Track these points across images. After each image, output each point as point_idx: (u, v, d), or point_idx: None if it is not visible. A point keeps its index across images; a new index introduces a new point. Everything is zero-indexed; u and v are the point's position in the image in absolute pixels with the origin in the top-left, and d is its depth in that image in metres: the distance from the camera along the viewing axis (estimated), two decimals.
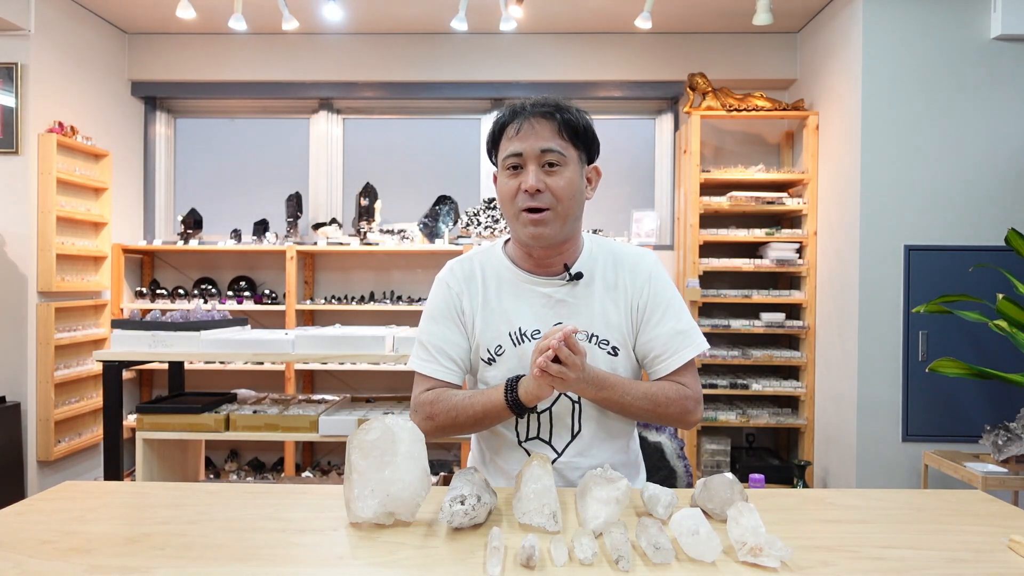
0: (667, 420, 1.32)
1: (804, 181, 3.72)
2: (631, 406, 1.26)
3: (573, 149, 1.28)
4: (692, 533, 0.92)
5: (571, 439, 1.33)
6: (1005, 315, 2.67)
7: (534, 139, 1.25)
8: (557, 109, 1.27)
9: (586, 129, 1.30)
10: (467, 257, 1.41)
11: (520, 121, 1.26)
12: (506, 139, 1.28)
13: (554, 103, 1.28)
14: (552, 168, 1.26)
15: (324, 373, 4.17)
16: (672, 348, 1.32)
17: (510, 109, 1.29)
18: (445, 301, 1.36)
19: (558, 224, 1.27)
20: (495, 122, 1.31)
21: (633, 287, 1.34)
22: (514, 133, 1.27)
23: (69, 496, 1.18)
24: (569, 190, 1.27)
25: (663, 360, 1.32)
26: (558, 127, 1.26)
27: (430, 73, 4.11)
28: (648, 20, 3.30)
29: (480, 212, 4.00)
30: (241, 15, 3.33)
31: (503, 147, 1.29)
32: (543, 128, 1.26)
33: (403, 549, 0.95)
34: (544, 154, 1.25)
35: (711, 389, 3.70)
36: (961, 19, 3.17)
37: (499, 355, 1.32)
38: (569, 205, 1.27)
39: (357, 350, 2.39)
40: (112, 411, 2.40)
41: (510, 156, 1.27)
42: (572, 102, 1.32)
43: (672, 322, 1.33)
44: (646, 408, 1.27)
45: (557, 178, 1.26)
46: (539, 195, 1.25)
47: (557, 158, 1.26)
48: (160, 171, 4.33)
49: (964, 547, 0.98)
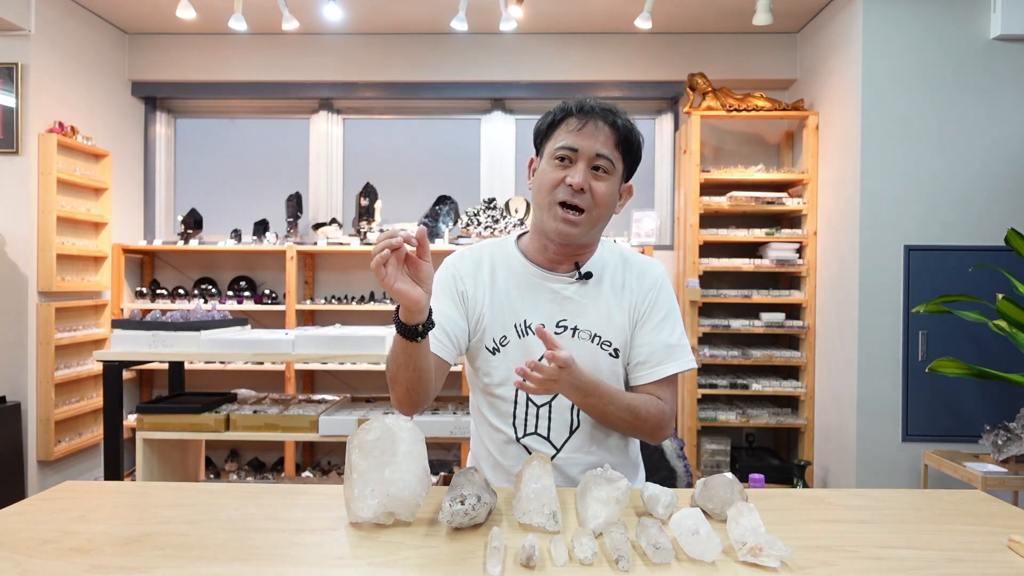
0: (640, 434, 1.33)
1: (804, 181, 3.72)
2: (612, 416, 1.26)
3: (621, 162, 1.30)
4: (692, 533, 0.92)
5: (569, 435, 1.33)
6: (1005, 315, 2.67)
7: (593, 140, 1.26)
8: (623, 121, 1.29)
9: (639, 148, 1.32)
10: (477, 247, 1.42)
11: (585, 119, 1.27)
12: (564, 130, 1.28)
13: (619, 112, 1.30)
14: (599, 173, 1.27)
15: (324, 373, 4.17)
16: (656, 359, 1.32)
17: (577, 104, 1.29)
18: (445, 280, 1.37)
19: (587, 227, 1.28)
20: (557, 109, 1.31)
21: (638, 291, 1.35)
22: (576, 127, 1.27)
23: (69, 496, 1.18)
24: (608, 198, 1.29)
25: (645, 369, 1.33)
26: (618, 137, 1.28)
27: (430, 73, 4.11)
28: (648, 20, 3.30)
29: (480, 212, 4.00)
30: (241, 15, 3.33)
31: (558, 137, 1.29)
32: (604, 133, 1.27)
33: (403, 549, 0.95)
34: (597, 158, 1.26)
35: (711, 389, 3.70)
36: (961, 19, 3.17)
37: (503, 345, 1.34)
38: (603, 212, 1.29)
39: (357, 350, 2.39)
40: (112, 411, 2.40)
41: (564, 148, 1.27)
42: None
43: (664, 334, 1.33)
44: (626, 420, 1.27)
45: (602, 184, 1.27)
46: (581, 194, 1.26)
47: (607, 165, 1.27)
48: (160, 171, 4.33)
49: (964, 547, 0.98)
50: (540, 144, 1.34)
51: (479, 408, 1.41)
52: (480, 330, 1.35)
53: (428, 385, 1.23)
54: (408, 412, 1.26)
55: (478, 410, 1.41)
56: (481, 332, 1.35)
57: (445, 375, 1.31)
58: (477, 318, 1.35)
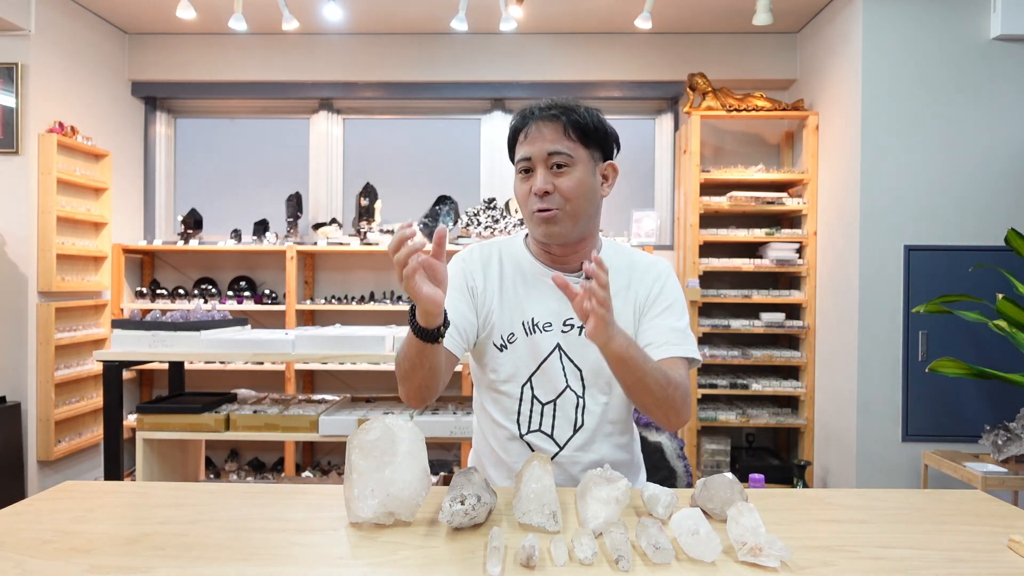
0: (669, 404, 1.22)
1: (804, 181, 3.72)
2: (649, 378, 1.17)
3: (582, 149, 1.30)
4: (692, 533, 0.92)
5: (573, 433, 1.34)
6: (1005, 315, 2.67)
7: (541, 142, 1.28)
8: (563, 111, 1.29)
9: (596, 128, 1.32)
10: (488, 244, 1.43)
11: (528, 125, 1.30)
12: (519, 144, 1.32)
13: (561, 105, 1.30)
14: (560, 169, 1.28)
15: (324, 373, 4.17)
16: (666, 339, 1.30)
17: (520, 114, 1.33)
18: (456, 274, 1.37)
19: (569, 223, 1.29)
20: (509, 128, 1.36)
21: (642, 284, 1.36)
22: (524, 138, 1.31)
23: (69, 496, 1.18)
24: (578, 190, 1.28)
25: (656, 347, 1.29)
26: (564, 128, 1.29)
27: (430, 73, 4.11)
28: (648, 20, 3.29)
29: (480, 212, 4.00)
30: (241, 15, 3.33)
31: (517, 151, 1.33)
32: (550, 131, 1.28)
33: (403, 549, 0.95)
34: (551, 156, 1.28)
35: (711, 389, 3.70)
36: (961, 19, 3.17)
37: (511, 342, 1.34)
38: (579, 204, 1.29)
39: (357, 350, 2.39)
40: (112, 411, 2.40)
41: (521, 160, 1.31)
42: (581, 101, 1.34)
43: (672, 319, 1.33)
44: (660, 384, 1.19)
45: (565, 179, 1.28)
46: (548, 197, 1.28)
47: (564, 159, 1.28)
48: (160, 171, 4.33)
49: (964, 547, 0.98)
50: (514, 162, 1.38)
51: (483, 404, 1.41)
52: (489, 326, 1.35)
53: (440, 381, 1.24)
54: (417, 406, 1.29)
55: (482, 406, 1.41)
56: (490, 328, 1.35)
57: (454, 368, 1.31)
58: (486, 314, 1.36)
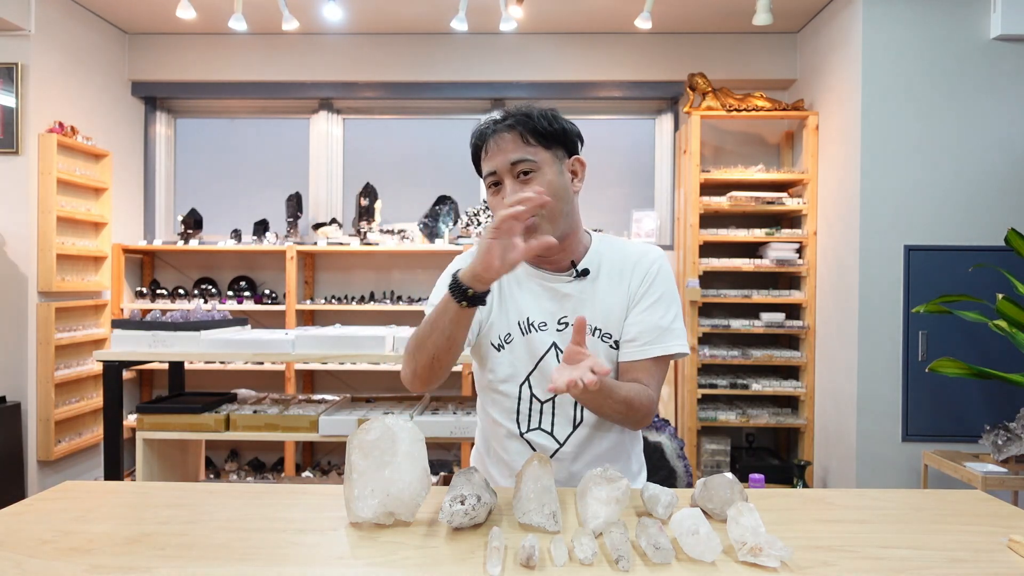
0: (628, 424, 1.33)
1: (804, 181, 3.72)
2: (608, 408, 1.26)
3: (544, 151, 1.29)
4: (692, 533, 0.92)
5: (573, 429, 1.35)
6: (1005, 315, 2.67)
7: (502, 155, 1.28)
8: (518, 120, 1.29)
9: (553, 129, 1.30)
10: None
11: (487, 140, 1.30)
12: (483, 160, 1.32)
13: (515, 113, 1.29)
14: (527, 176, 1.27)
15: (324, 373, 4.17)
16: (643, 339, 1.31)
17: (478, 131, 1.33)
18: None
19: (548, 227, 1.28)
20: (471, 147, 1.35)
21: (634, 277, 1.36)
22: (485, 154, 1.31)
23: (69, 496, 1.18)
24: (548, 193, 1.26)
25: (633, 347, 1.32)
26: (522, 136, 1.28)
27: (430, 73, 4.11)
28: (648, 20, 3.30)
29: (480, 212, 4.00)
30: (241, 15, 3.33)
31: (482, 168, 1.33)
32: (507, 142, 1.28)
33: (403, 549, 0.95)
34: (515, 165, 1.27)
35: (711, 389, 3.70)
36: (961, 19, 3.17)
37: (508, 342, 1.36)
38: (553, 206, 1.28)
39: (357, 350, 2.39)
40: (112, 411, 2.40)
41: (487, 176, 1.31)
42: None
43: (657, 315, 1.33)
44: (620, 412, 1.26)
45: (534, 185, 1.27)
46: None
47: (529, 166, 1.27)
48: (160, 171, 4.33)
49: (964, 547, 0.98)
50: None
51: (483, 405, 1.43)
52: (487, 327, 1.37)
53: (452, 358, 1.25)
54: (421, 387, 1.28)
55: (483, 407, 1.43)
56: (487, 329, 1.37)
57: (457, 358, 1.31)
58: (485, 314, 1.37)
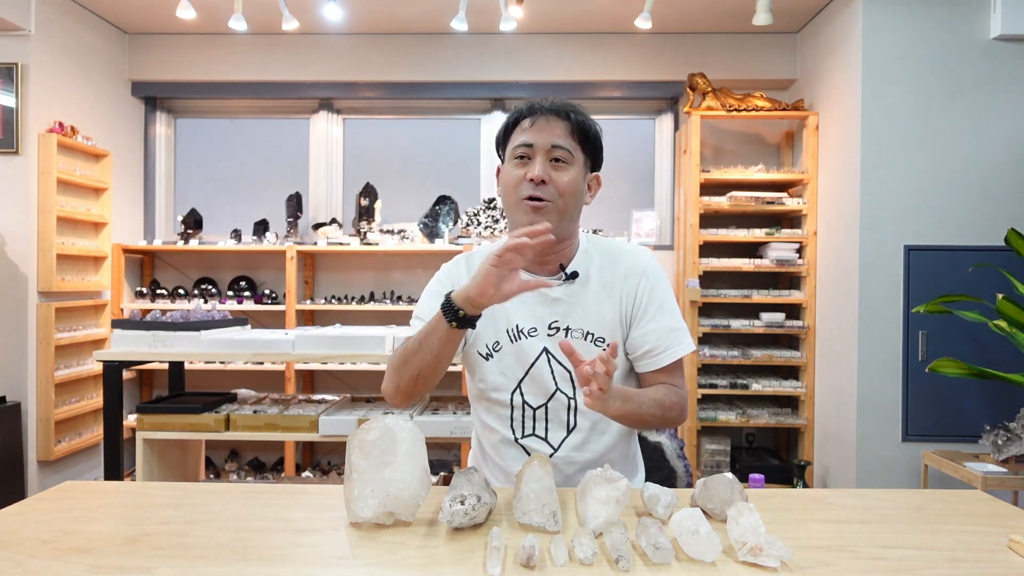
0: (666, 424, 1.35)
1: (804, 181, 3.72)
2: (646, 415, 1.27)
3: (581, 152, 1.33)
4: (692, 533, 0.92)
5: (567, 434, 1.34)
6: (1005, 315, 2.67)
7: (547, 134, 1.29)
8: (573, 112, 1.32)
9: (596, 136, 1.35)
10: (469, 254, 1.44)
11: (536, 116, 1.31)
12: (519, 131, 1.33)
13: (571, 105, 1.33)
14: (559, 164, 1.30)
15: (324, 373, 4.17)
16: (665, 344, 1.33)
17: (528, 104, 1.34)
18: (441, 284, 1.41)
19: (555, 217, 1.29)
20: (511, 114, 1.36)
21: (627, 284, 1.36)
22: (528, 125, 1.31)
23: (69, 496, 1.18)
24: (572, 187, 1.30)
25: (656, 355, 1.33)
26: (571, 127, 1.31)
27: (430, 73, 4.11)
28: (648, 20, 3.29)
29: (480, 212, 4.00)
30: (241, 15, 3.33)
31: (514, 138, 1.33)
32: (556, 126, 1.30)
33: (403, 549, 0.95)
34: (554, 149, 1.29)
35: (711, 389, 3.70)
36: (961, 19, 3.17)
37: (496, 351, 1.35)
38: (569, 202, 1.30)
39: (357, 350, 2.39)
40: (112, 411, 2.41)
41: (521, 146, 1.31)
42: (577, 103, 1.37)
43: (667, 319, 1.34)
44: (656, 415, 1.29)
45: (562, 174, 1.29)
46: (543, 186, 1.28)
47: (565, 155, 1.30)
48: (160, 171, 4.33)
49: (964, 547, 0.98)
50: (502, 151, 1.38)
51: (477, 413, 1.43)
52: (474, 336, 1.36)
53: (437, 376, 1.28)
54: (402, 403, 1.30)
55: (476, 412, 1.43)
56: (474, 338, 1.36)
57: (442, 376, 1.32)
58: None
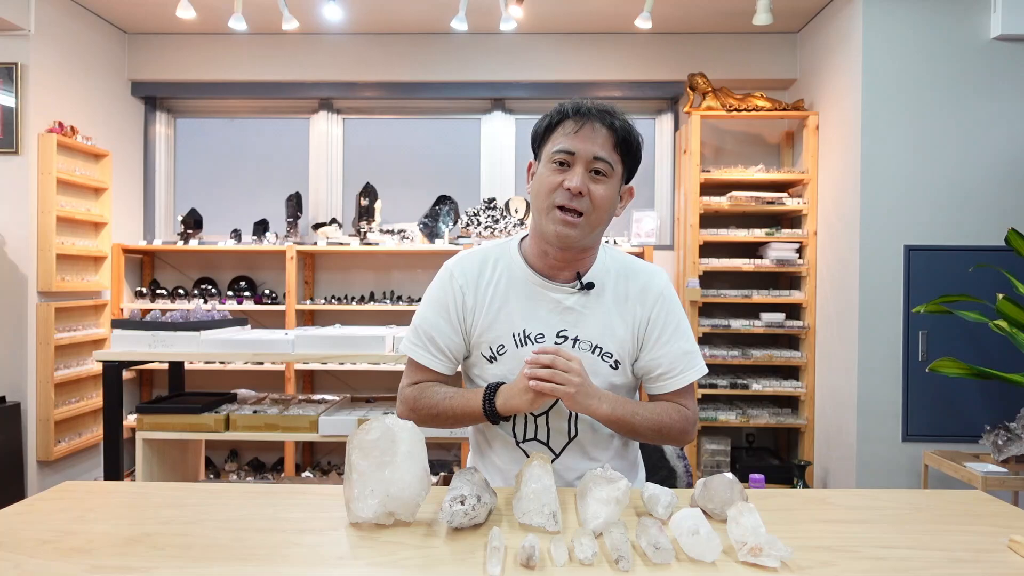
0: (666, 441, 1.34)
1: (804, 181, 3.72)
2: (639, 426, 1.27)
3: (620, 164, 1.28)
4: (692, 533, 0.92)
5: (568, 442, 1.33)
6: (1005, 315, 2.67)
7: (591, 143, 1.24)
8: (621, 123, 1.26)
9: (638, 148, 1.30)
10: (480, 250, 1.39)
11: (582, 121, 1.24)
12: (561, 134, 1.26)
13: (616, 113, 1.27)
14: (598, 176, 1.25)
15: (324, 373, 4.17)
16: (679, 367, 1.32)
17: (574, 105, 1.27)
18: (444, 292, 1.35)
19: (586, 230, 1.26)
20: (554, 112, 1.28)
21: (643, 304, 1.33)
22: (572, 131, 1.24)
23: (69, 496, 1.18)
24: (607, 201, 1.26)
25: (669, 378, 1.33)
26: (615, 140, 1.25)
27: (430, 73, 4.11)
28: (648, 20, 3.29)
29: (480, 212, 4.00)
30: (241, 15, 3.33)
31: (555, 140, 1.27)
32: (601, 135, 1.24)
33: (403, 549, 0.95)
34: (595, 161, 1.24)
35: (711, 389, 3.70)
36: (961, 19, 3.17)
37: (501, 354, 1.32)
38: (602, 215, 1.26)
39: (357, 350, 2.39)
40: (112, 411, 2.40)
41: (561, 151, 1.25)
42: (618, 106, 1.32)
43: (681, 342, 1.33)
44: (652, 430, 1.28)
45: (601, 187, 1.25)
46: (579, 198, 1.23)
47: (606, 168, 1.25)
48: (160, 171, 4.33)
49: (964, 547, 0.98)
50: (538, 147, 1.32)
51: None
52: (479, 338, 1.33)
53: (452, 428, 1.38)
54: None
55: None
56: (479, 340, 1.33)
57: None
58: (477, 327, 1.33)
